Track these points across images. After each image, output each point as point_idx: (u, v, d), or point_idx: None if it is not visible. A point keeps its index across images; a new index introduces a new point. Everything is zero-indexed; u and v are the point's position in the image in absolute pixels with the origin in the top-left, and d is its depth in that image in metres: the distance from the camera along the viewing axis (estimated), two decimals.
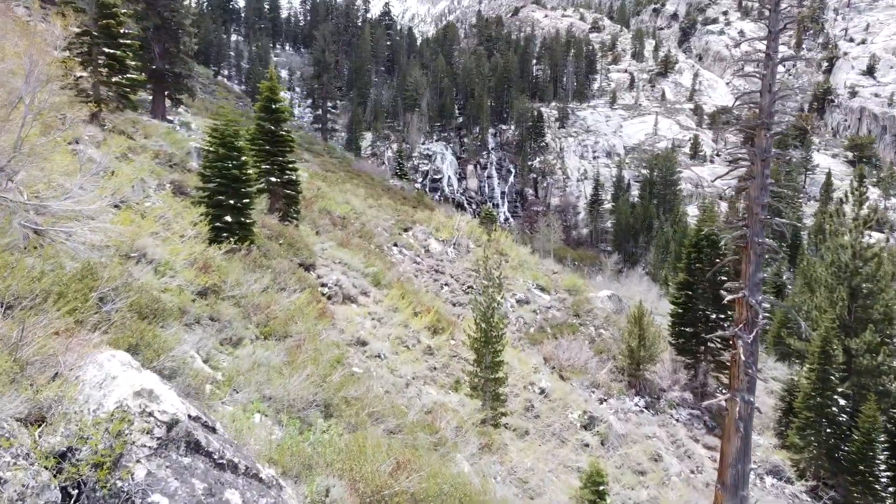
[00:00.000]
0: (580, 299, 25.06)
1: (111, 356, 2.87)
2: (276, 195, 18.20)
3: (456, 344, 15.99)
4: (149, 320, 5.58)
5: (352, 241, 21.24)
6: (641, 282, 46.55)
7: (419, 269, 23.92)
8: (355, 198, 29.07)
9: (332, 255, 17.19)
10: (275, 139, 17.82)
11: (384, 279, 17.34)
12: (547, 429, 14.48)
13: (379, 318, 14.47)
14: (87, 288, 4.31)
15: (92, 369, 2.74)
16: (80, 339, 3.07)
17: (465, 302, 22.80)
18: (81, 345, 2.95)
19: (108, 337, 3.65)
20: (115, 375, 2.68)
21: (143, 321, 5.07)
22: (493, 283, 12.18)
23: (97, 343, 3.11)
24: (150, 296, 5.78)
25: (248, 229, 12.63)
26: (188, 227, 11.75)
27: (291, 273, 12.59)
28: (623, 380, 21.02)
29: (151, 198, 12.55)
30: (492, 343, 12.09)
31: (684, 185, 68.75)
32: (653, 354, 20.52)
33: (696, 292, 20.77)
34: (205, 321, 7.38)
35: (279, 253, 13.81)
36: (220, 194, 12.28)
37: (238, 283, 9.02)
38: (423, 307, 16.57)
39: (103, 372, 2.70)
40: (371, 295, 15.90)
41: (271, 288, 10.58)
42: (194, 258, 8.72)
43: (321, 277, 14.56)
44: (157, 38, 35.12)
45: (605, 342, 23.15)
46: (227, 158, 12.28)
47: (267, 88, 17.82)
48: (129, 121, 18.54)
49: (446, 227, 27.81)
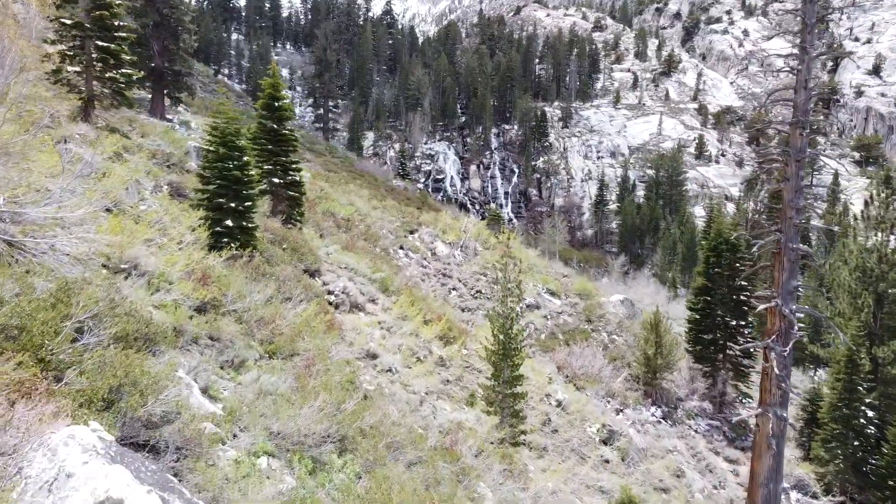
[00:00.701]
0: (592, 304, 24.28)
1: (69, 437, 2.08)
2: (278, 197, 17.42)
3: (468, 354, 15.22)
4: (137, 347, 4.80)
5: (357, 245, 20.47)
6: (649, 284, 45.78)
7: (426, 272, 23.14)
8: (359, 199, 28.30)
9: (337, 259, 16.41)
10: (277, 138, 17.05)
11: (392, 285, 16.56)
12: (565, 444, 13.70)
13: (388, 328, 13.70)
14: (60, 316, 3.53)
15: (40, 460, 1.97)
16: (33, 402, 2.29)
17: (473, 307, 22.05)
18: (34, 412, 2.18)
19: (75, 390, 2.87)
20: (72, 472, 1.90)
21: (131, 350, 4.28)
22: (511, 292, 11.40)
23: (54, 413, 2.31)
24: (139, 319, 4.99)
25: (251, 234, 11.85)
26: (186, 232, 10.98)
27: (297, 281, 11.81)
28: (639, 388, 20.25)
29: (147, 200, 11.77)
30: (510, 356, 11.32)
31: (690, 186, 67.94)
32: (670, 363, 19.75)
33: (715, 298, 19.98)
34: (203, 341, 6.59)
35: (283, 259, 13.03)
36: (220, 197, 11.50)
37: (240, 294, 8.24)
38: (434, 315, 15.80)
39: (55, 464, 1.92)
40: (379, 302, 15.13)
41: (276, 298, 9.80)
42: (192, 268, 7.94)
43: (327, 285, 13.78)
44: (156, 36, 34.35)
45: (618, 349, 22.38)
46: (228, 158, 11.50)
47: (269, 85, 17.05)
48: (126, 119, 17.77)
49: (453, 229, 27.03)
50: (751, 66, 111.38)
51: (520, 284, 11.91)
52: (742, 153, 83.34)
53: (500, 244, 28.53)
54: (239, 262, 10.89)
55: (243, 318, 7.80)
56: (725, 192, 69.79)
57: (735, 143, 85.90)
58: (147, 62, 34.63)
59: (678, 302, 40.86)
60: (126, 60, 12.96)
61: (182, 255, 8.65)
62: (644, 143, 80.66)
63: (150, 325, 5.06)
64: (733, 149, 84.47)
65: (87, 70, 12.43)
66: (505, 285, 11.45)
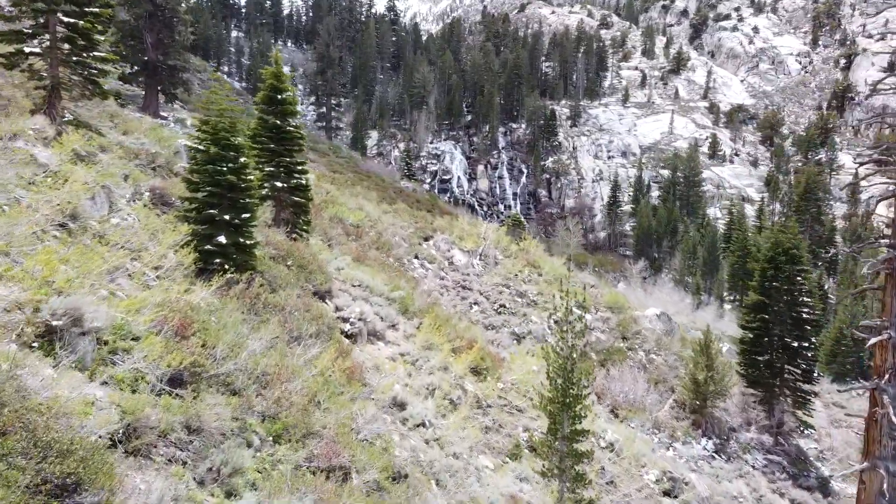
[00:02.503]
0: (625, 319, 22.05)
1: None
2: (282, 203, 15.21)
3: (505, 388, 13.01)
4: None
5: (368, 255, 18.27)
6: (671, 291, 43.58)
7: (444, 285, 20.93)
8: (368, 202, 26.09)
9: (349, 276, 14.20)
10: (281, 136, 14.84)
11: (412, 305, 14.36)
12: (625, 500, 11.49)
13: (413, 361, 11.49)
14: None
15: None
16: None
17: (498, 324, 19.85)
18: None
19: None
20: None
21: None
22: (572, 326, 9.18)
23: None
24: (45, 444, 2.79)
25: (249, 252, 9.64)
26: (168, 251, 8.79)
27: (305, 310, 9.60)
28: (686, 416, 18.03)
29: (122, 211, 9.56)
30: (571, 406, 9.10)
31: (706, 187, 65.67)
32: (722, 389, 17.53)
33: (773, 315, 17.75)
34: (177, 435, 4.38)
35: (288, 280, 10.82)
36: (211, 207, 9.28)
37: (234, 346, 6.03)
38: (462, 340, 13.59)
39: None
40: (400, 327, 12.92)
41: (280, 340, 7.59)
42: (167, 312, 5.72)
43: (341, 311, 11.57)
44: (149, 28, 32.12)
45: (659, 370, 20.15)
46: (221, 160, 9.28)
47: (271, 75, 14.85)
48: (107, 113, 15.59)
49: (470, 236, 24.82)
50: (761, 63, 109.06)
51: (583, 317, 9.67)
52: (756, 152, 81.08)
53: (522, 251, 26.37)
54: (234, 289, 8.68)
55: (237, 383, 5.57)
56: (742, 192, 67.53)
57: (748, 143, 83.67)
58: (140, 56, 32.45)
59: (703, 310, 38.67)
60: (99, 41, 10.72)
61: (155, 290, 6.43)
62: (655, 142, 78.40)
63: (66, 457, 2.85)
64: (747, 148, 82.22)
65: (50, 52, 10.20)
66: (566, 317, 9.22)
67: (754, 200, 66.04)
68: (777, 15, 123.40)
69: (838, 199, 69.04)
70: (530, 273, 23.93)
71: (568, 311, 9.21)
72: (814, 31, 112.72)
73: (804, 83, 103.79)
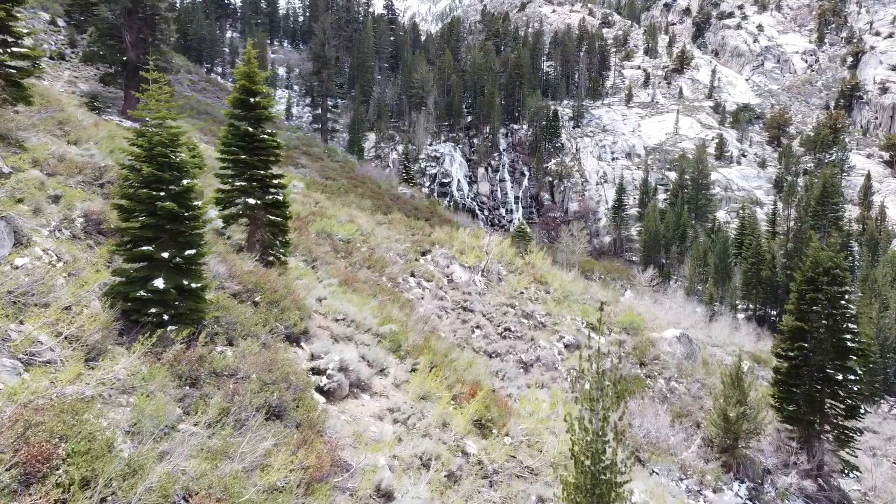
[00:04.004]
0: (643, 342, 20.11)
1: None
2: (256, 223, 13.24)
3: (514, 442, 11.03)
4: None
5: (358, 277, 16.32)
6: (677, 297, 41.56)
7: (443, 306, 18.97)
8: (361, 213, 24.15)
9: (332, 307, 12.24)
10: (254, 145, 12.85)
11: (406, 341, 12.39)
12: None
13: (405, 420, 9.52)
14: None
15: None
16: None
17: (503, 351, 17.88)
18: None
19: None
20: None
21: None
22: (604, 393, 7.22)
23: None
24: None
25: (197, 297, 7.67)
26: (85, 296, 6.87)
27: (267, 369, 7.64)
28: (715, 457, 16.06)
29: (37, 246, 7.59)
30: (604, 493, 7.14)
31: (715, 190, 63.67)
32: (757, 427, 15.58)
33: (812, 343, 15.78)
34: None
35: (251, 325, 8.86)
36: (145, 242, 7.33)
37: (138, 465, 4.06)
38: (464, 385, 11.62)
39: None
40: (390, 373, 10.95)
41: (218, 434, 5.63)
42: (19, 430, 3.76)
43: (316, 359, 9.59)
44: (129, 26, 30.19)
45: (682, 401, 18.21)
46: (158, 182, 7.33)
47: (242, 75, 12.84)
48: (55, 120, 13.64)
49: (472, 249, 22.85)
50: (767, 61, 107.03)
51: (621, 381, 7.66)
52: (763, 153, 79.09)
53: (528, 265, 24.41)
54: (170, 351, 6.73)
55: None
56: (750, 194, 65.54)
57: (755, 143, 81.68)
58: (119, 55, 30.52)
59: (717, 321, 36.67)
60: (21, 34, 8.76)
61: (37, 372, 4.49)
62: (661, 142, 76.43)
63: None
64: (754, 149, 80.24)
65: None
66: (600, 382, 7.25)
67: (763, 203, 64.06)
68: (781, 13, 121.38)
69: (850, 201, 67.02)
70: (537, 290, 21.98)
71: (600, 375, 7.23)
72: (819, 29, 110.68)
73: (810, 82, 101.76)
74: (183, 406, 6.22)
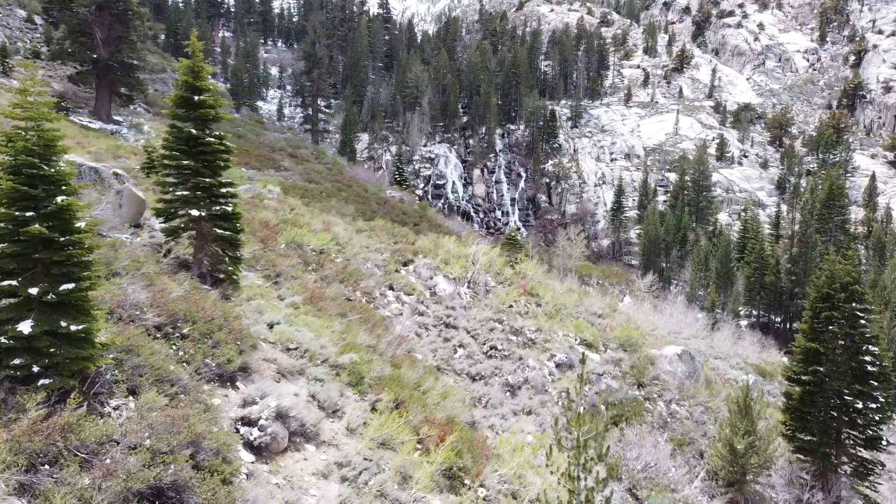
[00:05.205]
0: (641, 360, 18.59)
1: None
2: (203, 237, 11.73)
3: (489, 496, 9.51)
4: None
5: (327, 293, 14.77)
6: (678, 304, 40.00)
7: (424, 322, 17.43)
8: (340, 220, 22.64)
9: (284, 334, 10.71)
10: (198, 149, 11.36)
11: (370, 372, 10.86)
12: None
13: (355, 477, 7.99)
14: None
15: None
16: None
17: (487, 373, 16.32)
18: None
19: None
20: None
21: None
22: (584, 465, 5.69)
23: None
24: None
25: (80, 342, 6.13)
26: None
27: (169, 431, 6.10)
28: (720, 491, 14.54)
29: None
30: None
31: (716, 191, 62.12)
32: (768, 460, 14.05)
33: (828, 366, 14.25)
34: None
35: (163, 369, 7.32)
36: (7, 275, 5.81)
37: None
38: (433, 425, 10.08)
39: None
40: (345, 414, 9.42)
41: None
42: None
43: (248, 405, 8.04)
44: (99, 22, 28.64)
45: (683, 426, 16.67)
46: (23, 200, 5.81)
47: (186, 70, 11.37)
48: None
49: (458, 259, 21.31)
50: (768, 61, 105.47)
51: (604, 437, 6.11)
52: (765, 154, 77.55)
53: (518, 276, 22.88)
54: (24, 420, 5.19)
55: None
56: (752, 196, 64.02)
57: (757, 143, 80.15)
58: (89, 53, 28.99)
59: (720, 330, 35.12)
60: None
61: None
62: (660, 143, 74.90)
63: None
64: (755, 149, 78.71)
65: None
66: (582, 445, 5.73)
67: (766, 205, 62.54)
68: (783, 11, 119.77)
69: (854, 203, 65.52)
70: (527, 303, 20.44)
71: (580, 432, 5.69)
72: (821, 28, 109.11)
73: (812, 81, 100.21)
74: (24, 501, 4.69)
